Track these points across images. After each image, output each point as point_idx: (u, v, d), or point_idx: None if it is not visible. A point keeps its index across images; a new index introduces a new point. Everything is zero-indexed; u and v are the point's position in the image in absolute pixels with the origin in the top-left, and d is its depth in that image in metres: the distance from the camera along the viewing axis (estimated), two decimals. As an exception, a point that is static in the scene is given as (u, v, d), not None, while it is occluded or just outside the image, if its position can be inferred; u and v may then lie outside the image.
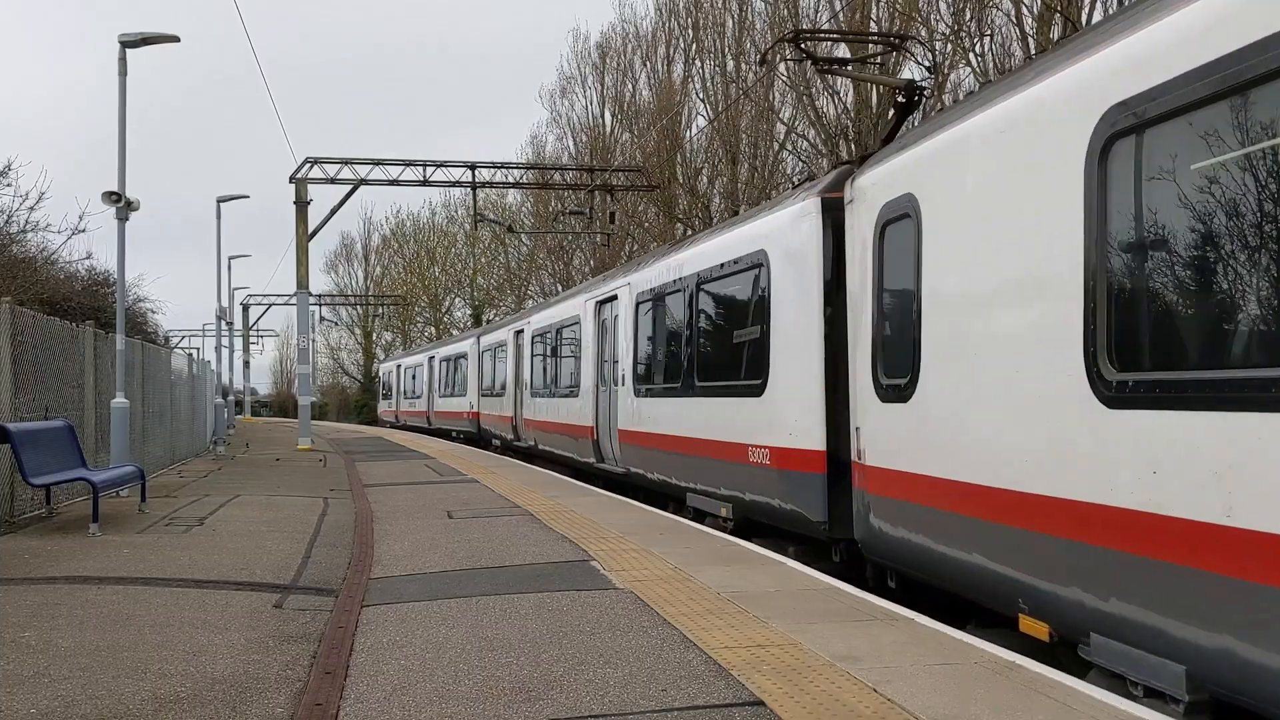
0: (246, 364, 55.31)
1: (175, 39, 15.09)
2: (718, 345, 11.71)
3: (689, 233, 33.73)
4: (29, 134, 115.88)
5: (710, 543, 9.35)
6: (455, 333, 58.10)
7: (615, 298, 16.04)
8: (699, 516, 11.69)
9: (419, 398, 43.21)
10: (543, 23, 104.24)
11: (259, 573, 8.07)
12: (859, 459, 8.24)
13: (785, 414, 9.67)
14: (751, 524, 10.62)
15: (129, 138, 14.65)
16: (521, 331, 24.15)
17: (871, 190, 8.12)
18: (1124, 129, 5.13)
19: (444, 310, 67.54)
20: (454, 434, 34.63)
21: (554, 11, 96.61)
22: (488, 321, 51.14)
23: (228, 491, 14.42)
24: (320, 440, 31.23)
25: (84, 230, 30.50)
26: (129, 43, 14.76)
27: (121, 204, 14.40)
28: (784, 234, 9.95)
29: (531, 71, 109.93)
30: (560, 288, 44.03)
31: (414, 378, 44.95)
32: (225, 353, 35.01)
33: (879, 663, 5.16)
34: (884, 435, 7.75)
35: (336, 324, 71.93)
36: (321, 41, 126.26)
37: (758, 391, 10.18)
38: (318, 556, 8.96)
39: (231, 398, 39.68)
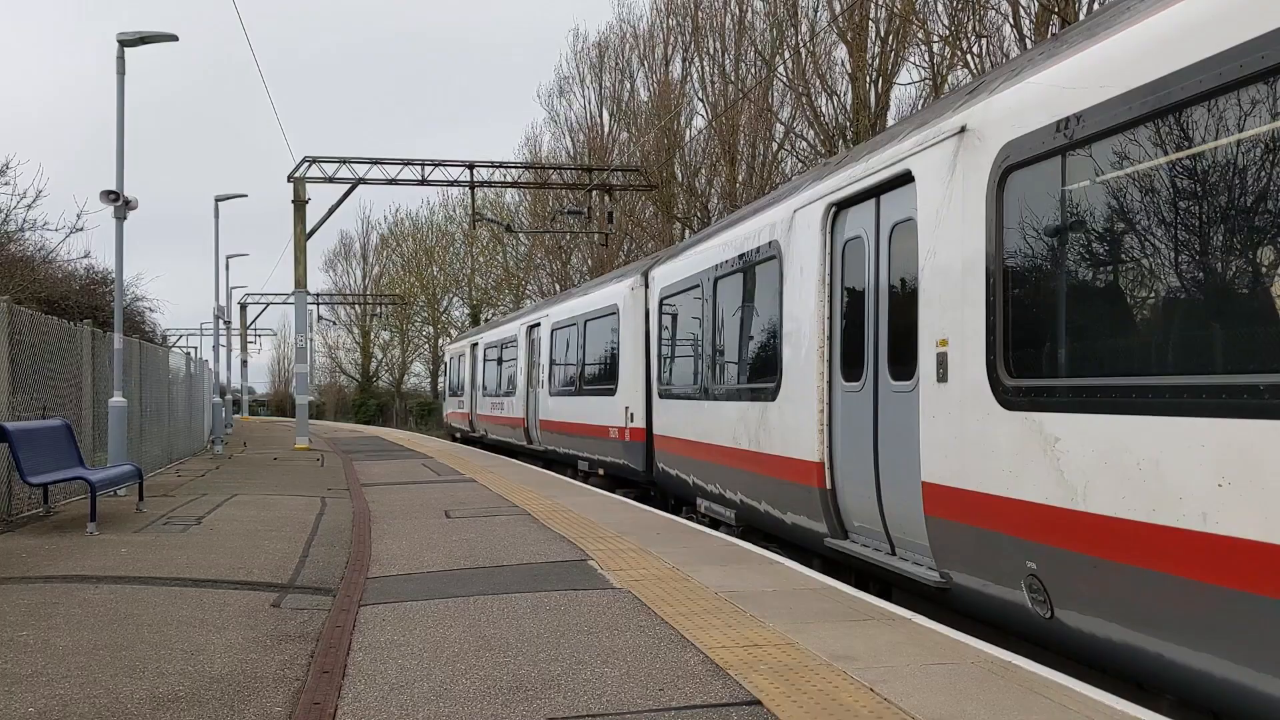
0: (244, 363, 55.46)
1: (174, 38, 15.08)
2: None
3: (687, 233, 33.78)
4: (28, 132, 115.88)
5: (708, 542, 9.37)
6: (455, 332, 57.71)
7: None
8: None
9: (511, 395, 25.22)
10: (542, 23, 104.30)
11: (256, 572, 8.08)
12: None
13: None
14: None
15: (127, 136, 14.68)
16: (828, 210, 9.49)
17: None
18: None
19: (442, 310, 67.56)
20: (581, 465, 18.55)
21: (553, 12, 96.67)
22: (485, 320, 50.21)
23: (225, 491, 14.42)
24: (318, 440, 31.24)
25: (81, 229, 30.45)
26: (127, 41, 14.75)
27: (120, 203, 14.39)
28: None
29: (530, 72, 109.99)
30: (559, 287, 43.93)
31: (500, 361, 27.15)
32: (223, 352, 34.95)
33: (875, 662, 5.17)
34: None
35: (334, 323, 71.90)
36: (320, 40, 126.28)
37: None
38: (315, 556, 8.97)
39: (229, 397, 39.68)
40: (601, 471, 17.27)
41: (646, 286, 15.36)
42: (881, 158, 7.43)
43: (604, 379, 17.04)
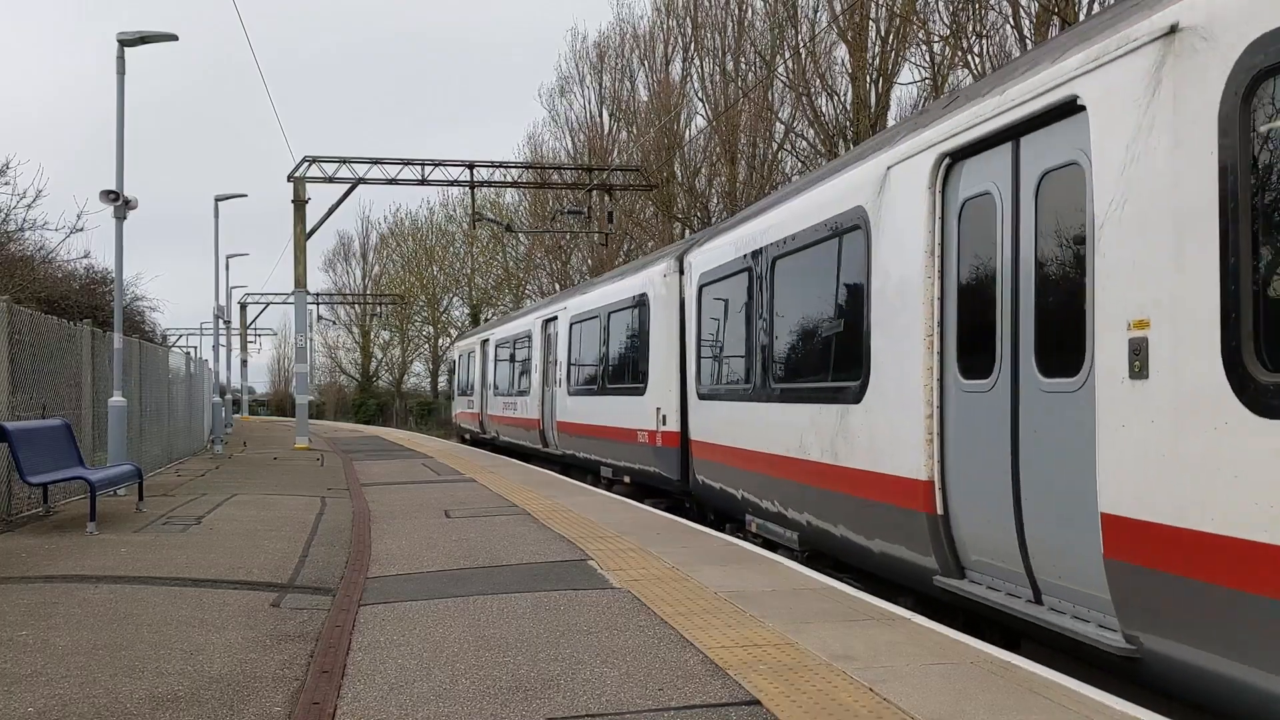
0: (244, 363, 55.49)
1: (174, 38, 15.07)
2: None
3: (687, 232, 33.79)
4: (28, 132, 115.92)
5: (707, 543, 9.37)
6: (454, 332, 57.60)
7: None
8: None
9: (524, 394, 23.59)
10: (542, 23, 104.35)
11: (256, 572, 8.08)
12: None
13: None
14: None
15: (127, 136, 14.67)
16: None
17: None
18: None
19: (442, 309, 67.58)
20: (604, 472, 16.90)
21: (553, 12, 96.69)
22: (484, 320, 50.17)
23: (225, 490, 14.42)
24: (318, 439, 31.25)
25: (81, 229, 30.43)
26: (127, 41, 14.74)
27: (119, 203, 14.39)
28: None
29: (530, 72, 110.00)
30: (559, 286, 43.94)
31: (512, 359, 25.37)
32: (223, 351, 34.95)
33: (875, 662, 5.17)
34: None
35: (334, 323, 71.98)
36: (320, 40, 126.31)
37: None
38: (315, 555, 8.97)
39: (229, 396, 39.67)
40: (628, 479, 15.49)
41: (682, 273, 13.59)
42: (1026, 86, 5.79)
43: (631, 377, 15.27)
